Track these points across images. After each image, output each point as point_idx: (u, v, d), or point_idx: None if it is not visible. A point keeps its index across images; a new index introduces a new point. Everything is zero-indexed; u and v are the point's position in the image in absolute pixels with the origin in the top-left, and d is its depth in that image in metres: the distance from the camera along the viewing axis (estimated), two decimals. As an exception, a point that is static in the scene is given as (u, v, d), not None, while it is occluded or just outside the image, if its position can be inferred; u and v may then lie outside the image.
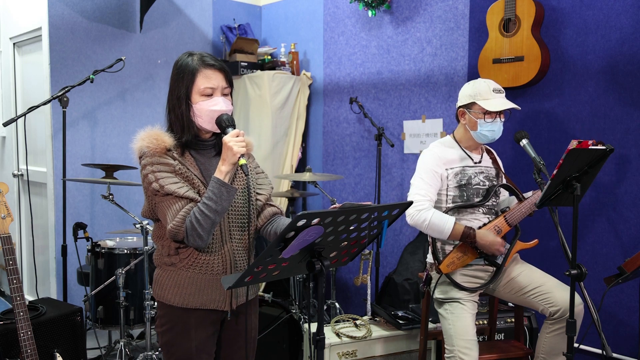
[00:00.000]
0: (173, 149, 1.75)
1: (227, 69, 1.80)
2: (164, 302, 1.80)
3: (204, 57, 1.76)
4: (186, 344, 1.77)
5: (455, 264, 2.44)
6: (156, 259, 1.86)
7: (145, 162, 1.72)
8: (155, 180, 1.69)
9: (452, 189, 2.51)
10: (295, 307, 3.41)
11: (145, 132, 1.75)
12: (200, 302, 1.78)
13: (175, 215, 1.67)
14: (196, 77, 1.74)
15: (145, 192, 1.76)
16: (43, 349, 2.59)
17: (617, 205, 2.93)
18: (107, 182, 3.11)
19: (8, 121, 3.15)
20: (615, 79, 2.92)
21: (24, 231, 4.45)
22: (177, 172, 1.72)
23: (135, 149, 1.76)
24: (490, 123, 2.45)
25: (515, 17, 3.11)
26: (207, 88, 1.74)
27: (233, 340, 1.89)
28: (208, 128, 1.77)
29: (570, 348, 1.95)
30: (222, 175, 1.68)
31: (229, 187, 1.68)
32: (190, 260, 1.77)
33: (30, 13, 4.05)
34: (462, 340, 2.34)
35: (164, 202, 1.70)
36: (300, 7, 4.57)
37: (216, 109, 1.74)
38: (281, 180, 4.34)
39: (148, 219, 1.85)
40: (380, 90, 4.02)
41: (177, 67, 1.78)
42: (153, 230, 1.87)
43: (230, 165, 1.68)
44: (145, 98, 4.24)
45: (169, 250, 1.78)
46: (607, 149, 1.94)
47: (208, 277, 1.77)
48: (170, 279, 1.79)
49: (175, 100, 1.76)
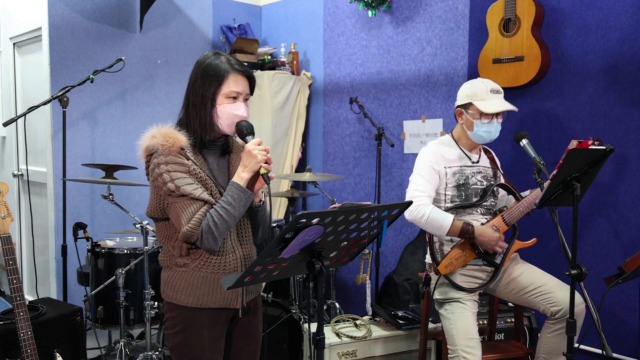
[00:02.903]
0: (187, 148, 1.74)
1: (254, 77, 1.83)
2: (176, 304, 1.79)
3: (232, 61, 1.78)
4: (199, 344, 1.77)
5: (454, 264, 2.44)
6: (165, 260, 1.83)
7: (158, 161, 1.70)
8: (170, 180, 1.68)
9: (450, 189, 2.51)
10: (295, 307, 3.41)
11: (157, 130, 1.74)
12: (214, 301, 1.78)
13: (191, 217, 1.67)
14: (225, 80, 1.75)
15: (157, 191, 1.73)
16: (43, 349, 2.58)
17: (617, 205, 2.93)
18: (107, 182, 3.11)
19: (8, 121, 3.15)
20: (615, 79, 2.92)
21: (24, 231, 4.45)
22: (192, 173, 1.72)
23: (144, 146, 1.74)
24: (487, 124, 2.45)
25: (515, 17, 3.11)
26: (234, 92, 1.76)
27: (242, 337, 1.91)
28: (227, 131, 1.79)
29: (570, 348, 1.95)
30: (243, 182, 1.71)
31: (248, 194, 1.72)
32: (202, 261, 1.77)
33: (30, 13, 4.05)
34: (465, 340, 2.34)
35: (178, 203, 1.69)
36: (300, 7, 4.57)
37: (238, 113, 1.76)
38: (281, 180, 4.34)
39: (154, 217, 1.81)
40: (380, 90, 4.02)
41: (203, 65, 1.77)
42: (158, 230, 1.83)
43: (251, 172, 1.71)
44: (145, 98, 4.24)
45: (180, 251, 1.77)
46: (607, 149, 1.94)
47: (221, 276, 1.77)
48: (182, 280, 1.78)
49: (199, 98, 1.76)
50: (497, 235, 2.40)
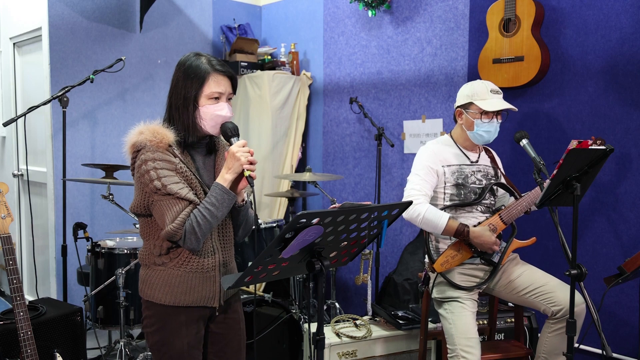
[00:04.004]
0: (174, 145, 1.76)
1: (235, 76, 1.84)
2: (153, 302, 1.80)
3: (213, 61, 1.78)
4: (178, 342, 1.78)
5: (450, 262, 2.45)
6: (143, 257, 1.84)
7: (146, 157, 1.70)
8: (157, 178, 1.69)
9: (449, 187, 2.52)
10: (295, 307, 3.41)
11: (144, 126, 1.75)
12: (191, 300, 1.79)
13: (175, 217, 1.68)
14: (206, 81, 1.76)
15: (142, 188, 1.73)
16: (43, 349, 2.58)
17: (617, 205, 2.93)
18: (107, 182, 3.11)
19: (8, 121, 3.15)
20: (615, 79, 2.92)
21: (24, 231, 4.45)
22: (178, 171, 1.73)
23: (131, 142, 1.75)
24: (487, 123, 2.47)
25: (515, 17, 3.11)
26: (216, 92, 1.76)
27: (224, 334, 1.92)
28: (211, 132, 1.80)
29: (570, 348, 1.95)
30: (226, 183, 1.73)
31: (231, 195, 1.73)
32: (180, 260, 1.78)
33: (30, 13, 4.05)
34: (464, 339, 2.34)
35: (163, 201, 1.70)
36: (300, 7, 4.57)
37: (221, 114, 1.77)
38: (281, 180, 4.34)
39: (137, 214, 1.81)
40: (380, 90, 4.02)
41: (184, 66, 1.78)
42: (140, 227, 1.84)
43: (235, 174, 1.73)
44: (145, 98, 4.24)
45: (160, 250, 1.79)
46: (607, 149, 1.95)
47: (198, 276, 1.79)
48: (159, 278, 1.79)
49: (181, 99, 1.77)
50: (493, 239, 2.41)
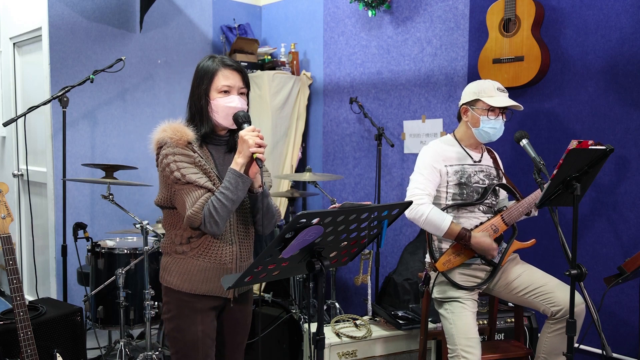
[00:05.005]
0: (193, 142, 1.87)
1: (245, 71, 1.96)
2: (171, 288, 1.91)
3: (224, 59, 1.93)
4: (193, 329, 1.88)
5: (452, 262, 2.45)
6: (165, 246, 1.96)
7: (166, 152, 1.83)
8: (177, 169, 1.81)
9: (452, 187, 2.52)
10: (295, 307, 3.41)
11: (167, 124, 1.87)
12: (207, 289, 1.89)
13: (195, 202, 1.79)
14: (215, 76, 1.89)
15: (165, 180, 1.86)
16: (43, 349, 2.58)
17: (617, 205, 2.93)
18: (107, 182, 3.11)
19: (8, 121, 3.15)
20: (615, 79, 2.92)
21: (24, 231, 4.45)
22: (197, 164, 1.85)
23: (156, 139, 1.87)
24: (493, 120, 2.47)
25: (515, 17, 3.11)
26: (225, 86, 1.89)
27: (232, 326, 2.03)
28: (224, 124, 1.91)
29: (570, 348, 1.95)
30: (238, 167, 1.81)
31: (244, 178, 1.81)
32: (200, 250, 1.88)
33: (30, 13, 4.05)
34: (464, 339, 2.34)
35: (183, 189, 1.82)
36: (300, 7, 4.57)
37: (231, 105, 1.88)
38: (281, 180, 4.34)
39: (162, 206, 1.93)
40: (380, 90, 4.02)
41: (198, 68, 1.93)
42: (164, 218, 1.97)
43: (246, 158, 1.81)
44: (145, 98, 4.24)
45: (181, 239, 1.89)
46: (607, 149, 1.94)
47: (216, 267, 1.89)
48: (179, 266, 1.90)
49: (195, 97, 1.92)
50: (494, 247, 2.42)
